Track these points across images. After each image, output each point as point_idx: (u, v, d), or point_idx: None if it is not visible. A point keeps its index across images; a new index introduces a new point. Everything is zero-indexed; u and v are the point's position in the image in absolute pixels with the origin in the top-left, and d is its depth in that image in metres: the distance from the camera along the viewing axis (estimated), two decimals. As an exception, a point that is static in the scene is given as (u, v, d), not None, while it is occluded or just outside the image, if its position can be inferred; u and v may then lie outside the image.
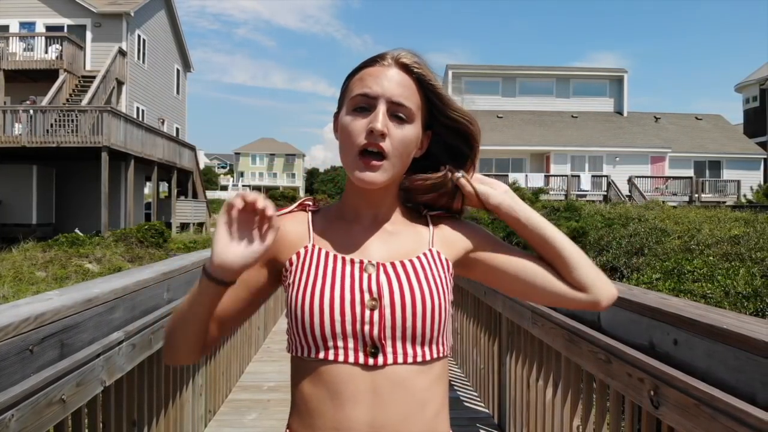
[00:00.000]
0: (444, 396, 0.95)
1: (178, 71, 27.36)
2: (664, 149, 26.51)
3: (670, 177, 25.21)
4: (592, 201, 20.94)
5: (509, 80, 29.66)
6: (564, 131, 27.25)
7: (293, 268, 0.94)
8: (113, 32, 20.70)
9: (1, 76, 18.79)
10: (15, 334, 1.17)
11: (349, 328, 0.88)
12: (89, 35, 20.80)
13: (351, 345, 0.88)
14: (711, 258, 9.62)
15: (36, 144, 15.86)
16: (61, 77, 18.58)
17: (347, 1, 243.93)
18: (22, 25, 20.77)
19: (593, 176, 24.92)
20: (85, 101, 17.67)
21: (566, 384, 2.07)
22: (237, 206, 0.83)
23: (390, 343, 0.88)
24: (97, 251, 13.20)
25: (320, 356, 0.89)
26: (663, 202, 19.17)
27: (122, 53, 20.55)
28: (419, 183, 0.99)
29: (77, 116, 15.93)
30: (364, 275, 0.91)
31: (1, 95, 18.68)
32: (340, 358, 0.88)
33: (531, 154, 26.74)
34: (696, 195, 24.01)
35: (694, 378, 1.21)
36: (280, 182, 73.84)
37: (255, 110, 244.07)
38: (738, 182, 25.14)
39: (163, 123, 24.61)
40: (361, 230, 0.97)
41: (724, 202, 22.72)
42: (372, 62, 0.94)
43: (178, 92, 27.47)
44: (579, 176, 24.74)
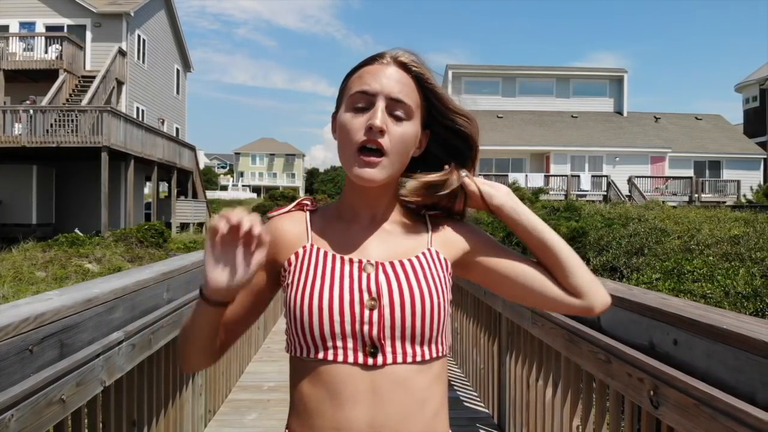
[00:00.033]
0: (443, 395, 0.95)
1: (178, 71, 27.36)
2: (664, 149, 26.51)
3: (670, 177, 25.22)
4: (592, 201, 20.94)
5: (509, 80, 29.66)
6: (564, 131, 27.25)
7: (292, 269, 0.94)
8: (113, 32, 20.71)
9: (1, 76, 18.79)
10: (15, 334, 1.17)
11: (349, 328, 0.87)
12: (89, 35, 20.81)
13: (350, 345, 0.87)
14: (711, 258, 9.62)
15: (36, 144, 15.87)
16: (61, 77, 18.58)
17: (347, 1, 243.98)
18: (22, 25, 20.77)
19: (593, 176, 24.92)
20: (85, 101, 17.67)
21: (566, 384, 2.07)
22: (221, 231, 0.81)
23: (389, 343, 0.88)
24: (97, 251, 13.20)
25: (319, 356, 0.88)
26: (663, 202, 19.18)
27: (122, 53, 20.56)
28: (424, 182, 0.97)
29: (77, 116, 15.93)
30: (363, 275, 0.90)
31: (1, 95, 18.68)
32: (340, 358, 0.87)
33: (531, 154, 26.75)
34: (696, 195, 24.01)
35: (694, 378, 1.21)
36: (280, 182, 73.81)
37: (255, 110, 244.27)
38: (738, 182, 25.15)
39: (163, 123, 24.61)
40: (360, 230, 0.96)
41: (724, 202, 22.73)
42: (371, 61, 0.94)
43: (178, 92, 27.47)
44: (579, 176, 24.75)
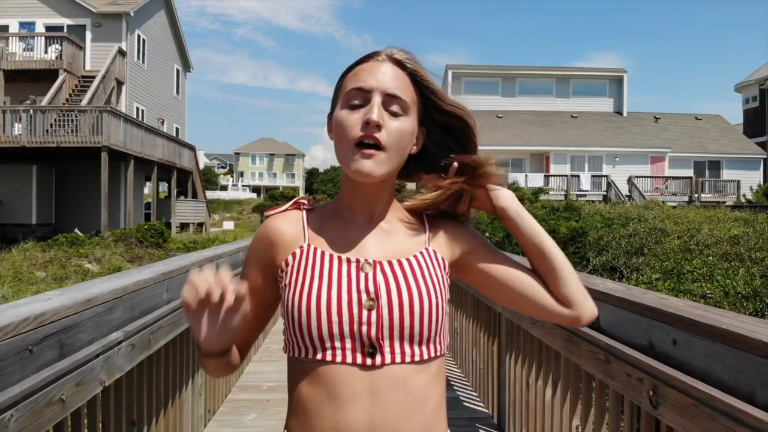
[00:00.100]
0: (441, 394, 0.95)
1: (178, 71, 27.36)
2: (664, 149, 26.51)
3: (670, 177, 25.22)
4: (592, 201, 20.93)
5: (509, 80, 29.66)
6: (564, 131, 27.25)
7: (289, 269, 0.93)
8: (113, 32, 20.70)
9: (1, 76, 18.79)
10: (14, 334, 1.17)
11: (347, 329, 0.87)
12: (89, 35, 20.80)
13: (348, 345, 0.87)
14: (710, 258, 9.62)
15: (36, 144, 15.86)
16: (61, 77, 18.58)
17: (347, 1, 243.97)
18: (22, 25, 20.77)
19: (593, 176, 24.92)
20: (85, 101, 17.67)
21: (566, 384, 2.07)
22: (192, 306, 0.81)
23: (388, 343, 0.88)
24: (97, 251, 13.19)
25: (317, 357, 0.88)
26: (663, 202, 19.17)
27: (122, 53, 20.55)
28: (431, 202, 0.99)
29: (77, 116, 15.93)
30: (361, 274, 0.90)
31: (1, 95, 18.67)
32: (338, 359, 0.87)
33: (531, 154, 26.75)
34: (696, 195, 24.01)
35: (693, 378, 1.21)
36: (280, 182, 73.80)
37: (255, 110, 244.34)
38: (738, 182, 25.15)
39: (163, 123, 24.61)
40: (357, 229, 0.96)
41: (724, 202, 22.73)
42: (366, 59, 0.95)
43: (178, 92, 27.47)
44: (579, 176, 24.75)
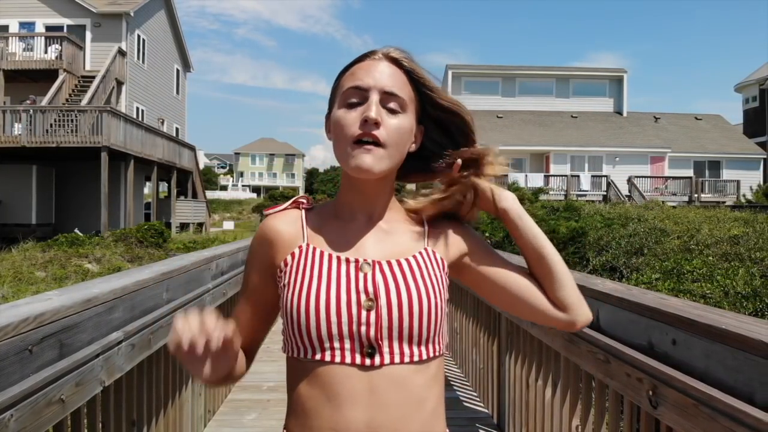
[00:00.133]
0: (440, 394, 0.95)
1: (178, 71, 27.36)
2: (664, 149, 26.52)
3: (670, 177, 25.22)
4: (592, 201, 20.93)
5: (509, 80, 29.66)
6: (564, 131, 27.26)
7: (288, 269, 0.93)
8: (113, 32, 20.71)
9: (1, 76, 18.79)
10: (14, 334, 1.16)
11: (346, 329, 0.87)
12: (89, 35, 20.81)
13: (347, 346, 0.87)
14: (710, 258, 9.63)
15: (36, 144, 15.87)
16: (61, 77, 18.58)
17: (347, 1, 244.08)
18: (22, 25, 20.77)
19: (593, 176, 24.93)
20: (85, 101, 17.67)
21: (565, 384, 2.07)
22: (178, 354, 0.79)
23: (387, 344, 0.88)
24: (97, 251, 13.20)
25: (316, 357, 0.88)
26: (662, 202, 19.17)
27: (122, 53, 20.55)
28: (434, 202, 0.99)
29: (77, 116, 15.94)
30: (360, 275, 0.90)
31: (1, 95, 18.67)
32: (337, 359, 0.87)
33: (531, 154, 26.75)
34: (695, 195, 24.02)
35: (693, 378, 1.21)
36: (280, 182, 73.81)
37: (255, 110, 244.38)
38: (737, 182, 25.16)
39: (163, 123, 24.61)
40: (356, 229, 0.96)
41: (724, 202, 22.73)
42: (362, 58, 0.95)
43: (178, 92, 27.47)
44: (579, 176, 24.75)
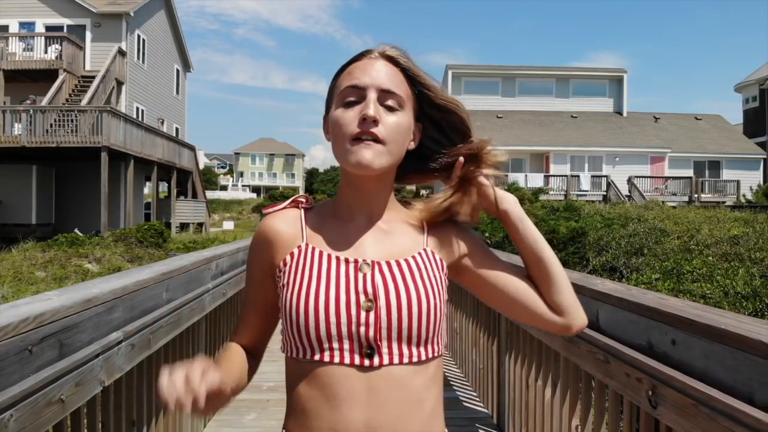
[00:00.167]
0: (439, 394, 0.95)
1: (178, 71, 27.36)
2: (664, 149, 26.51)
3: (670, 177, 25.22)
4: (592, 201, 20.93)
5: (509, 80, 29.66)
6: (563, 131, 27.25)
7: (287, 269, 0.93)
8: (113, 32, 20.71)
9: (1, 76, 18.79)
10: (14, 334, 1.17)
11: (345, 330, 0.87)
12: (89, 35, 20.81)
13: (346, 346, 0.87)
14: (710, 258, 9.63)
15: (36, 144, 15.87)
16: (61, 77, 18.58)
17: (347, 1, 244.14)
18: (22, 25, 20.77)
19: (593, 176, 24.92)
20: (85, 101, 17.67)
21: (565, 384, 2.07)
22: (170, 408, 0.76)
23: (386, 344, 0.87)
24: (97, 251, 13.20)
25: (315, 358, 0.88)
26: (662, 202, 19.18)
27: (122, 53, 20.55)
28: (442, 208, 0.99)
29: (77, 116, 15.94)
30: (359, 275, 0.90)
31: (1, 95, 18.67)
32: (336, 360, 0.87)
33: (531, 154, 26.75)
34: (695, 195, 24.01)
35: (692, 378, 1.21)
36: (280, 182, 73.80)
37: (255, 110, 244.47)
38: (737, 182, 25.16)
39: (163, 123, 24.61)
40: (356, 228, 0.96)
41: (724, 202, 22.74)
42: (359, 57, 0.95)
43: (178, 92, 27.47)
44: (578, 176, 24.74)
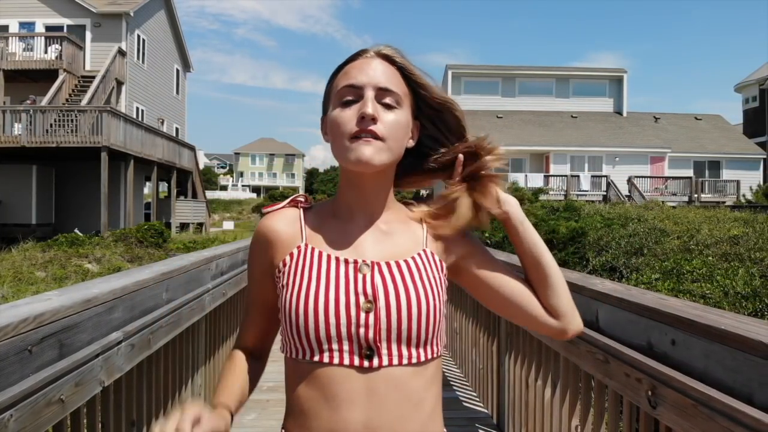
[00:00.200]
0: (438, 394, 0.95)
1: (178, 71, 27.36)
2: (664, 149, 26.51)
3: (670, 177, 25.21)
4: (592, 201, 20.92)
5: (509, 80, 29.65)
6: (563, 131, 27.25)
7: (286, 270, 0.93)
8: (113, 32, 20.71)
9: (1, 76, 18.79)
10: (14, 334, 1.16)
11: (344, 331, 0.87)
12: (89, 35, 20.81)
13: (346, 348, 0.87)
14: (710, 258, 9.63)
15: (36, 144, 15.86)
16: (61, 77, 18.58)
17: (347, 1, 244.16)
18: (22, 25, 20.77)
19: (593, 176, 24.91)
20: (85, 101, 17.67)
21: (565, 384, 2.07)
22: None
23: (385, 346, 0.87)
24: (97, 251, 13.20)
25: (315, 359, 0.88)
26: (662, 202, 19.18)
27: (122, 53, 20.55)
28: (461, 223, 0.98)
29: (77, 116, 15.94)
30: (359, 276, 0.90)
31: (1, 95, 18.67)
32: (335, 361, 0.87)
33: (530, 154, 26.74)
34: (695, 195, 24.01)
35: (692, 378, 1.21)
36: (280, 182, 73.80)
37: (255, 110, 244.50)
38: (737, 182, 25.15)
39: (163, 123, 24.61)
40: (355, 229, 0.96)
41: (724, 203, 22.74)
42: (354, 57, 0.95)
43: (178, 92, 27.46)
44: (578, 176, 24.74)
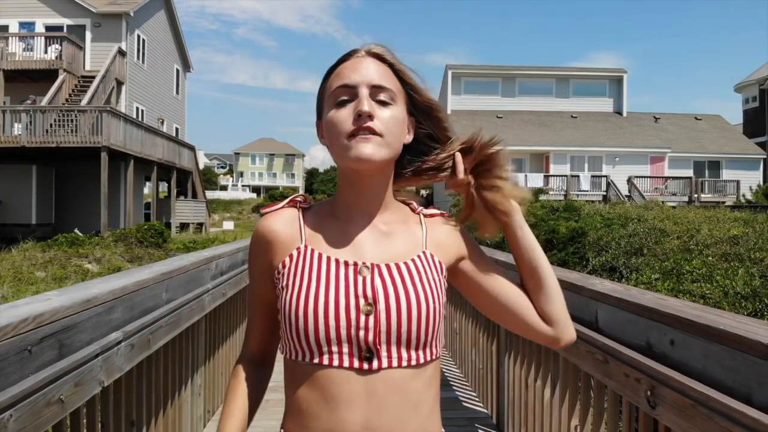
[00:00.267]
0: (436, 395, 0.95)
1: (178, 71, 27.35)
2: (664, 149, 26.51)
3: (670, 177, 25.21)
4: (592, 201, 20.90)
5: (509, 80, 29.65)
6: (563, 131, 27.25)
7: (286, 271, 0.93)
8: (113, 32, 20.71)
9: (1, 76, 18.79)
10: (14, 335, 1.17)
11: (344, 334, 0.86)
12: (89, 35, 20.81)
13: (345, 350, 0.87)
14: (710, 258, 9.63)
15: (36, 144, 15.86)
16: (61, 77, 18.58)
17: (347, 1, 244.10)
18: (22, 25, 20.77)
19: (593, 176, 24.90)
20: (85, 101, 17.67)
21: (564, 384, 2.07)
22: None
23: (385, 348, 0.87)
24: (97, 251, 13.20)
25: (315, 361, 0.88)
26: (662, 202, 19.16)
27: (122, 53, 20.55)
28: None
29: (77, 116, 15.94)
30: (359, 278, 0.89)
31: (1, 95, 18.67)
32: (335, 363, 0.87)
33: (530, 154, 26.74)
34: (695, 195, 24.01)
35: (691, 378, 1.21)
36: (280, 182, 73.79)
37: (255, 110, 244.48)
38: (737, 182, 25.15)
39: (163, 123, 24.61)
40: (355, 230, 0.95)
41: (724, 203, 22.73)
42: (346, 57, 0.95)
43: (178, 92, 27.46)
44: (578, 176, 24.73)
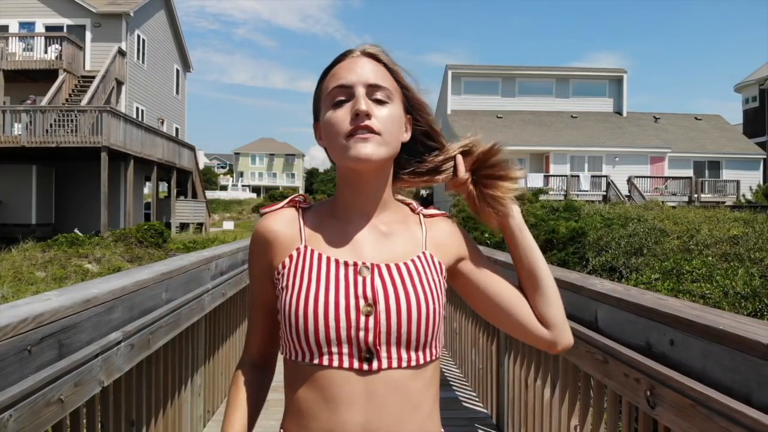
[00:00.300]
0: (436, 395, 0.95)
1: (178, 71, 27.36)
2: (664, 149, 26.51)
3: (670, 177, 25.21)
4: (592, 201, 20.90)
5: (509, 80, 29.65)
6: (563, 131, 27.25)
7: (286, 272, 0.93)
8: (113, 32, 20.71)
9: (1, 76, 18.79)
10: (13, 335, 1.17)
11: (344, 334, 0.87)
12: (89, 35, 20.81)
13: (345, 350, 0.87)
14: (710, 258, 9.63)
15: (35, 144, 15.87)
16: (61, 77, 18.58)
17: (347, 1, 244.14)
18: (22, 25, 20.77)
19: (592, 176, 24.90)
20: (85, 101, 17.67)
21: (564, 384, 2.07)
22: None
23: (385, 349, 0.87)
24: (97, 251, 13.20)
25: (315, 362, 0.88)
26: (662, 203, 19.17)
27: (122, 53, 20.55)
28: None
29: (77, 116, 15.94)
30: (359, 278, 0.89)
31: (1, 95, 18.67)
32: (335, 364, 0.87)
33: (530, 154, 26.72)
34: (695, 195, 24.01)
35: (690, 378, 1.21)
36: (280, 182, 73.79)
37: (255, 110, 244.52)
38: (737, 182, 25.15)
39: (163, 123, 24.61)
40: (355, 230, 0.95)
41: (724, 203, 22.74)
42: (341, 58, 0.95)
43: (178, 92, 27.46)
44: (578, 176, 24.73)
